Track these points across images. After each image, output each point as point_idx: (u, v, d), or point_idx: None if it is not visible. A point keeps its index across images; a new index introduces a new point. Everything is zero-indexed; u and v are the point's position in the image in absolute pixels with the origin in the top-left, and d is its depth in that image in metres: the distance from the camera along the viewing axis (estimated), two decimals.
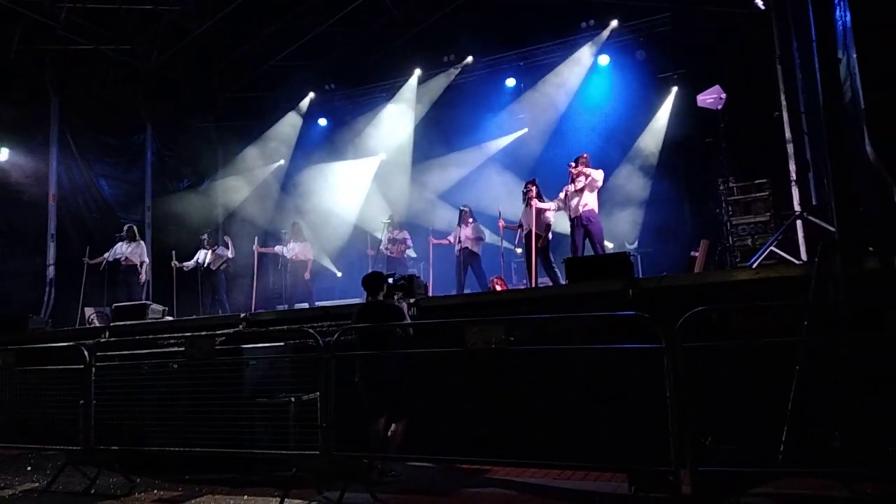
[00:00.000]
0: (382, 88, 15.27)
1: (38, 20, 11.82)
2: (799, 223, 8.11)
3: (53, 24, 11.93)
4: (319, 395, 4.98)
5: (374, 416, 5.46)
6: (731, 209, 8.99)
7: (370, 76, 15.38)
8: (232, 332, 7.35)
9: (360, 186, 14.99)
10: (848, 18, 6.09)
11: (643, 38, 12.78)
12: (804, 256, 7.83)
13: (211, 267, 12.10)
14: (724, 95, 9.30)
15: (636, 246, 11.66)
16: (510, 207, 10.96)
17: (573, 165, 9.19)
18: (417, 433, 5.21)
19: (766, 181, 8.99)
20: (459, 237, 10.56)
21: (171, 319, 9.18)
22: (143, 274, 11.56)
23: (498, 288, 9.71)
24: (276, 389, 5.73)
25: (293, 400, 5.47)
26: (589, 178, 8.98)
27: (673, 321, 3.97)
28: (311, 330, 5.42)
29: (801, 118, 8.80)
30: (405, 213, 13.63)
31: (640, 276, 8.28)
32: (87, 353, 5.91)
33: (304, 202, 15.05)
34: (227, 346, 6.36)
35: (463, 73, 14.42)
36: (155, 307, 9.33)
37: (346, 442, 4.96)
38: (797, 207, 8.61)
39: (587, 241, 9.03)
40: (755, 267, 6.73)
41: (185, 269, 12.13)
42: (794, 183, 8.95)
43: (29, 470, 6.60)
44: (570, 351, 5.15)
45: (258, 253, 12.04)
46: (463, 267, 10.43)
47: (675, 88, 12.46)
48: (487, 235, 11.07)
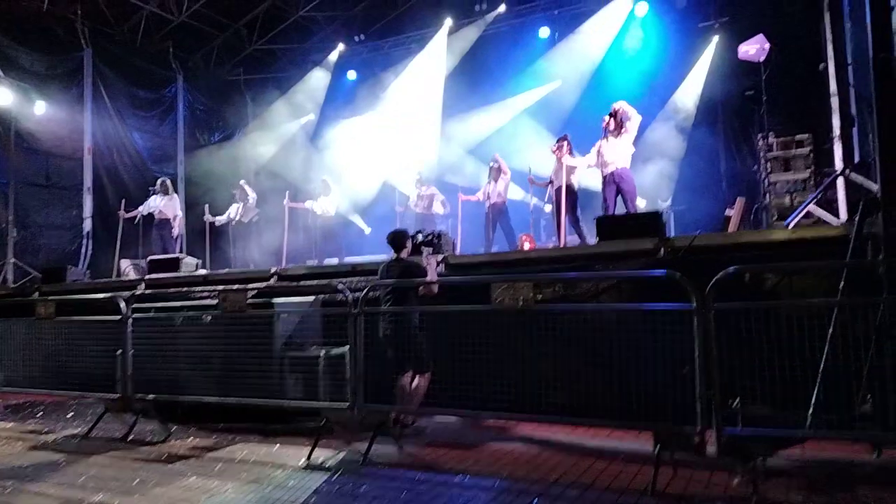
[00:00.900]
0: (413, 39, 15.00)
1: None
2: (840, 181, 7.83)
3: None
4: (348, 349, 5.05)
5: (398, 370, 5.53)
6: (769, 166, 8.73)
7: (400, 27, 15.12)
8: (263, 286, 7.46)
9: (388, 141, 14.87)
10: None
11: None
12: (843, 216, 7.59)
13: (243, 220, 12.25)
14: (767, 45, 8.88)
15: (670, 203, 11.42)
16: (541, 163, 10.78)
17: (607, 120, 8.89)
18: (443, 388, 5.27)
19: (807, 136, 8.68)
20: (489, 193, 10.46)
21: (204, 273, 9.34)
22: (176, 227, 11.74)
23: (527, 246, 9.64)
24: (306, 343, 5.82)
25: (323, 353, 5.56)
26: (623, 126, 8.61)
27: (705, 281, 3.89)
28: (340, 285, 5.46)
29: (847, 70, 8.40)
30: (435, 168, 13.53)
31: (672, 234, 8.14)
32: (123, 304, 6.06)
33: (333, 157, 15.03)
34: (258, 299, 6.46)
35: (495, 22, 14.08)
36: (188, 260, 9.49)
37: (374, 394, 5.04)
38: (839, 164, 8.31)
39: (619, 198, 8.84)
40: (791, 227, 6.55)
41: (217, 223, 12.29)
42: (836, 139, 8.62)
43: (70, 416, 6.89)
44: (598, 310, 5.10)
45: (288, 208, 12.13)
46: (492, 223, 10.35)
47: (715, 38, 12.01)
48: (515, 192, 10.92)
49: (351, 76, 15.92)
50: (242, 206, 12.27)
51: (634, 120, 8.66)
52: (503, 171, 10.34)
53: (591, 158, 9.09)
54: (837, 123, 8.67)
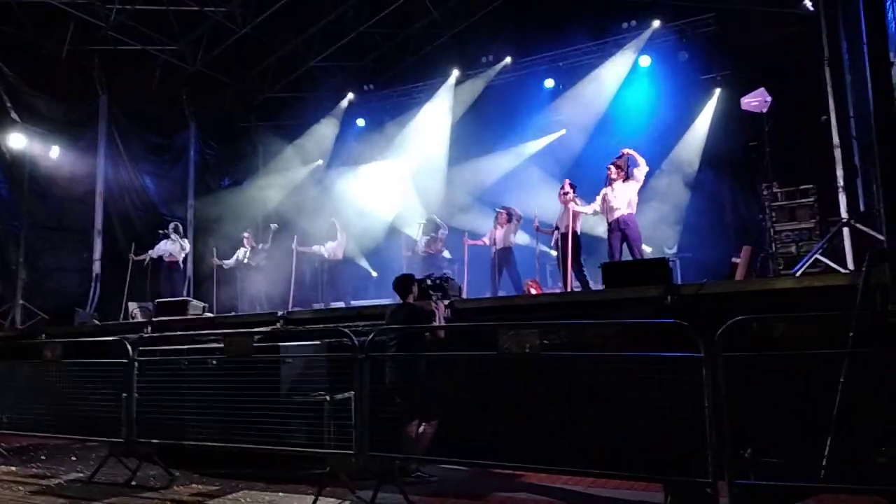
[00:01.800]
0: (420, 89, 15.33)
1: (88, 21, 12.23)
2: (846, 231, 7.87)
3: (103, 24, 12.33)
4: (354, 394, 5.02)
5: (405, 417, 5.48)
6: (774, 215, 8.77)
7: (408, 77, 15.48)
8: (269, 330, 7.46)
9: (396, 187, 15.05)
10: None
11: (686, 38, 12.58)
12: (850, 266, 7.59)
13: (251, 264, 12.32)
14: (769, 98, 9.06)
15: (675, 250, 11.45)
16: (547, 207, 10.85)
17: (611, 170, 9.02)
18: (450, 436, 5.22)
19: (811, 187, 8.75)
20: (494, 238, 10.52)
21: (210, 316, 9.36)
22: (183, 268, 11.81)
23: (533, 291, 9.64)
24: (311, 388, 5.79)
25: (328, 399, 5.53)
26: (630, 172, 8.72)
27: (713, 330, 3.89)
28: (346, 329, 5.46)
29: (849, 122, 8.53)
30: (441, 214, 13.63)
31: (679, 281, 8.14)
32: (130, 347, 6.06)
33: (340, 201, 15.18)
34: (264, 343, 6.45)
35: (501, 73, 14.38)
36: (195, 303, 9.52)
37: (379, 442, 4.99)
38: (844, 214, 8.36)
39: (624, 245, 8.89)
40: (799, 275, 6.55)
41: (224, 266, 12.37)
42: (841, 189, 8.69)
43: (73, 460, 6.82)
44: (605, 357, 5.08)
45: (296, 252, 12.19)
46: (498, 269, 10.38)
47: (718, 90, 12.26)
48: (521, 237, 11.00)
49: (360, 123, 16.21)
50: (251, 249, 12.38)
51: (642, 167, 8.79)
52: (516, 218, 10.45)
53: (596, 205, 9.20)
54: (841, 174, 8.74)
